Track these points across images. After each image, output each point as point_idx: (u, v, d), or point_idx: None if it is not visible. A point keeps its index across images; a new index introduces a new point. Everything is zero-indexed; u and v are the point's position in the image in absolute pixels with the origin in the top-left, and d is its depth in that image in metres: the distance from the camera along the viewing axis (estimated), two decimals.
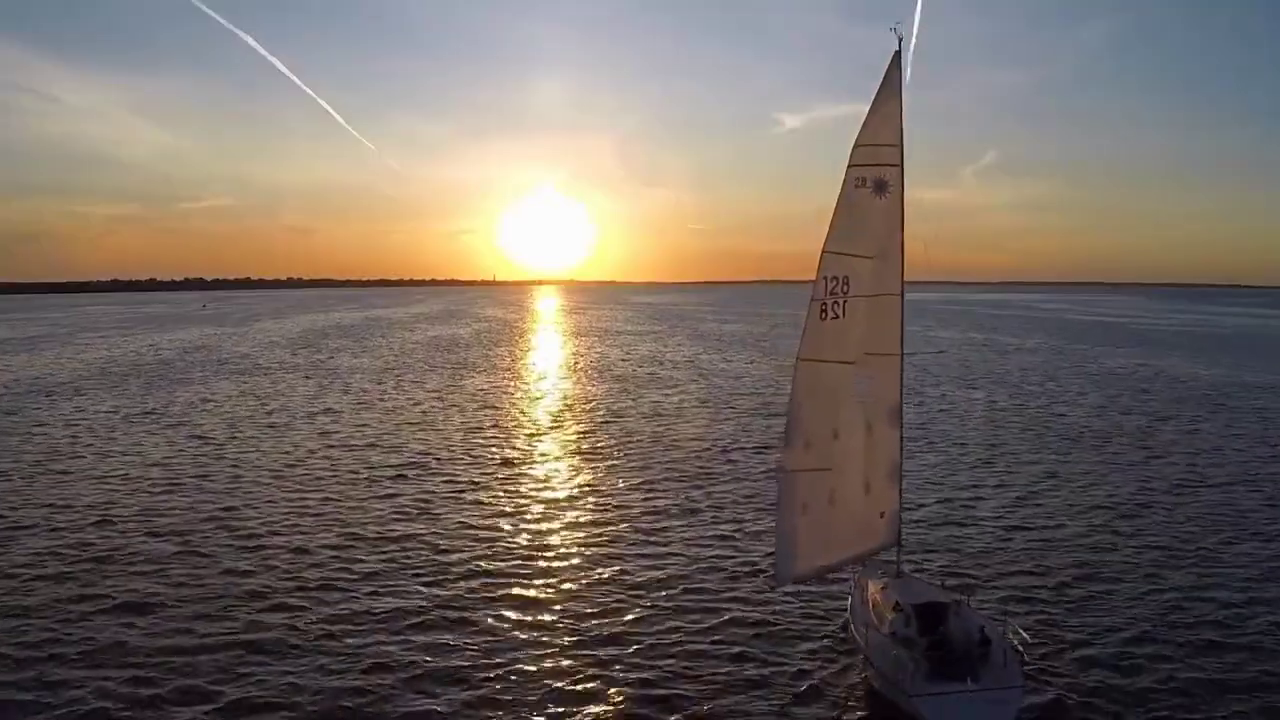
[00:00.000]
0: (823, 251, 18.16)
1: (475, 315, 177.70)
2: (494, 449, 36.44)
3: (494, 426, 41.95)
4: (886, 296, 18.90)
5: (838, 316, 18.17)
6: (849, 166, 18.33)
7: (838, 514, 18.83)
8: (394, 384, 58.25)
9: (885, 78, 18.35)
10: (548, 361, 74.07)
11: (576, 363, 72.17)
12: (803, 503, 18.25)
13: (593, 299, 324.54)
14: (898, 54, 18.48)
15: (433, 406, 47.97)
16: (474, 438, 38.85)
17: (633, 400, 49.43)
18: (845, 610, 19.33)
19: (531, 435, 39.93)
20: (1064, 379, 61.16)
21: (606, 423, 42.51)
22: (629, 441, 37.63)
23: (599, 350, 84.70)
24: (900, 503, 19.72)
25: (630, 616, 19.44)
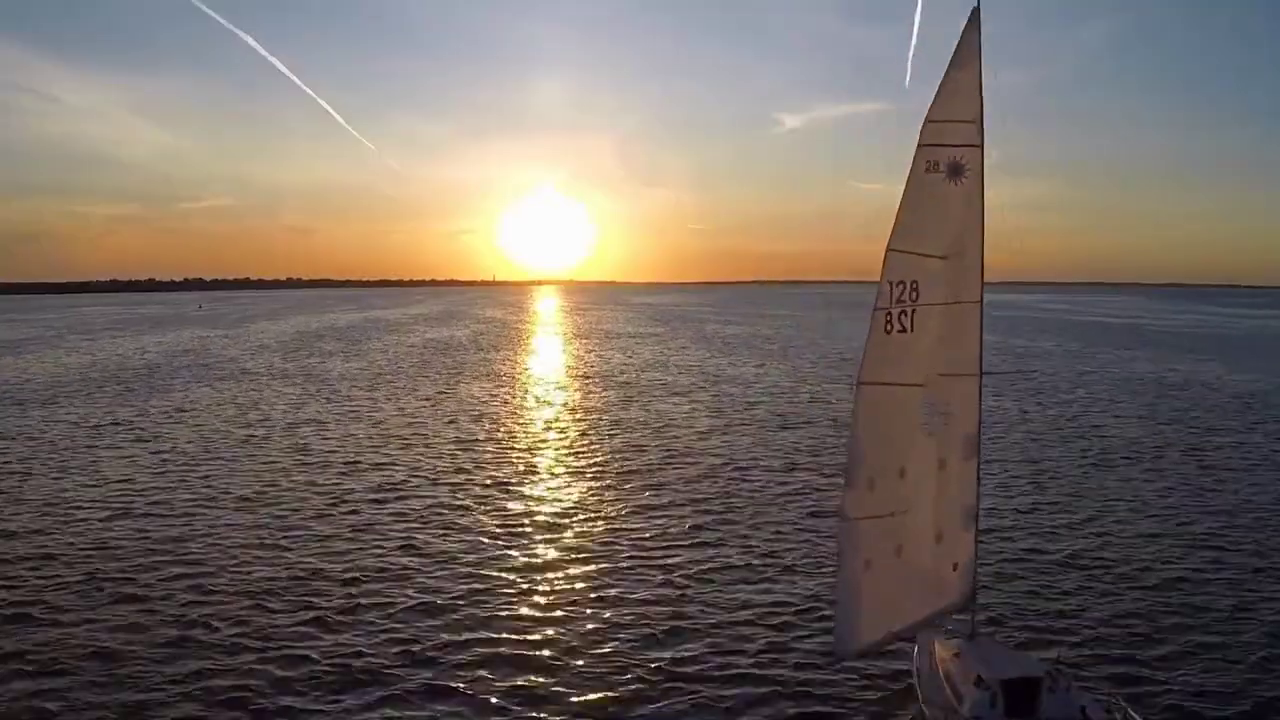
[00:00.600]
0: (887, 250, 14.98)
1: (474, 317, 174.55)
2: (487, 468, 33.21)
3: (488, 441, 38.70)
4: (963, 305, 15.77)
5: (905, 330, 15.00)
6: (919, 147, 15.10)
7: (906, 568, 15.63)
8: (384, 392, 55.05)
9: (961, 41, 15.07)
10: (547, 366, 70.86)
11: (577, 368, 69.01)
12: (866, 557, 15.07)
13: (593, 299, 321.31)
14: (976, 11, 15.27)
15: (423, 418, 44.74)
16: (465, 455, 35.59)
17: (639, 410, 46.23)
18: (910, 677, 16.23)
19: (528, 451, 36.61)
20: (1092, 386, 58.02)
21: (610, 436, 39.28)
22: (636, 459, 34.43)
23: (601, 354, 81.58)
24: (976, 550, 16.63)
25: (644, 685, 16.19)
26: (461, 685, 16.15)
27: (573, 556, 23.07)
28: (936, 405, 15.27)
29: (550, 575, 21.75)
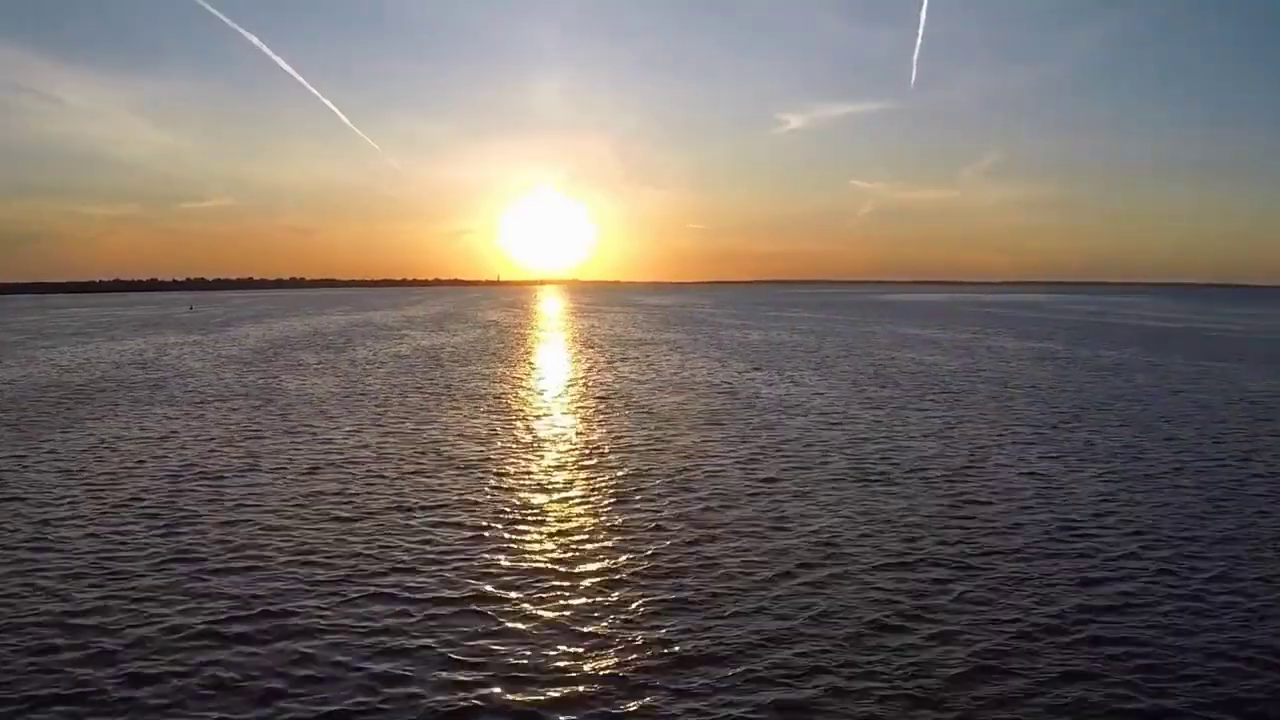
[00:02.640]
0: None
1: (473, 320, 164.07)
2: (464, 551, 22.46)
3: (466, 504, 27.73)
4: None
5: None
6: None
7: None
8: (347, 421, 44.36)
9: None
10: (550, 386, 59.79)
11: (588, 387, 58.03)
12: None
13: (597, 300, 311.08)
14: None
15: (384, 464, 33.89)
16: (431, 528, 24.57)
17: (672, 455, 35.28)
18: None
19: (524, 525, 25.36)
20: (1219, 410, 47.04)
21: (637, 498, 28.22)
22: (675, 540, 23.62)
23: (614, 367, 70.66)
24: None
25: None
26: None
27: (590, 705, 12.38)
28: None
29: None
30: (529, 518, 26.22)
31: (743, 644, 17.11)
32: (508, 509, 27.19)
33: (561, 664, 16.42)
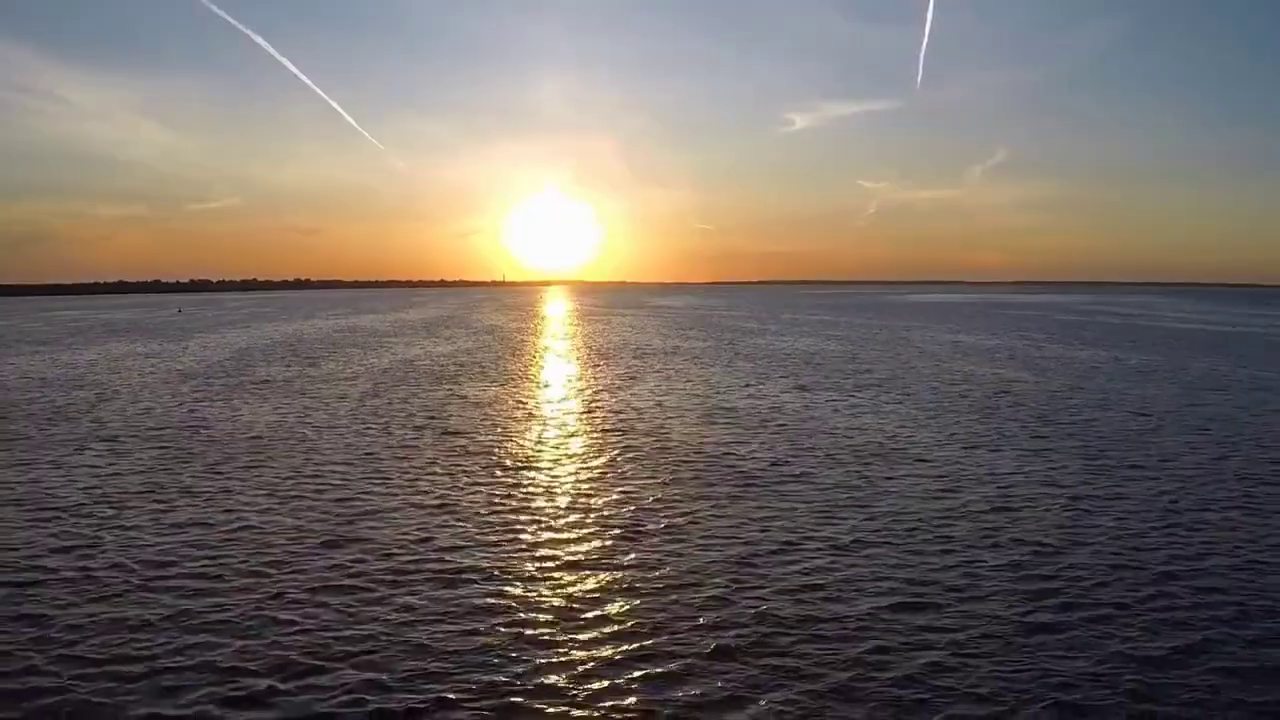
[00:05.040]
0: None
1: (473, 324, 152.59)
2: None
3: (404, 634, 16.19)
4: None
5: None
6: None
7: None
8: (272, 470, 32.80)
9: None
10: (553, 417, 47.80)
11: (602, 417, 46.14)
12: None
13: (605, 301, 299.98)
14: None
15: (321, 553, 22.42)
16: (335, 684, 13.21)
17: (739, 542, 23.64)
18: None
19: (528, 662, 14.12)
20: None
21: (698, 618, 16.75)
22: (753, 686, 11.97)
23: (632, 388, 58.79)
24: None
25: None
26: None
27: None
28: None
29: None
30: (511, 680, 14.49)
31: None
32: (477, 655, 15.45)
33: None
